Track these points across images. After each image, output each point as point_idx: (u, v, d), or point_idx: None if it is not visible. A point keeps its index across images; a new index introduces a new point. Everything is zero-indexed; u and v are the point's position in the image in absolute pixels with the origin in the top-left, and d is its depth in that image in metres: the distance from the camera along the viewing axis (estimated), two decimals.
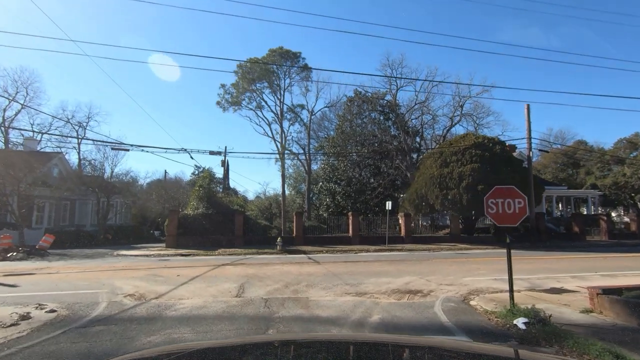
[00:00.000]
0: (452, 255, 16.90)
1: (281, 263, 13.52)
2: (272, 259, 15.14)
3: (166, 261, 14.59)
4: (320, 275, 10.62)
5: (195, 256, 16.61)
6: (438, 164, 23.02)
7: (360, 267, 12.35)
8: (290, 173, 52.22)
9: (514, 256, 15.39)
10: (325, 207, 40.85)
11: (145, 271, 11.25)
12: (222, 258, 15.66)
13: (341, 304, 7.15)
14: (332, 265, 12.84)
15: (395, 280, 9.78)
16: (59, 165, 29.53)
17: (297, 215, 22.14)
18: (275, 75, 36.19)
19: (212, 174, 21.98)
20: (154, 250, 18.51)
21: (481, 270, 11.87)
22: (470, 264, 13.27)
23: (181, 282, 9.34)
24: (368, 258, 15.60)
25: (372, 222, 25.54)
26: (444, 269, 11.92)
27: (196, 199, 21.33)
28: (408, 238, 23.10)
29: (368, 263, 13.70)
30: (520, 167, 22.57)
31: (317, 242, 22.14)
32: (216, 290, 8.25)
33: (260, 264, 13.38)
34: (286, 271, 11.30)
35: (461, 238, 23.60)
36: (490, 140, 23.29)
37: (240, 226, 20.86)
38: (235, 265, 12.95)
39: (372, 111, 45.15)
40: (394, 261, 14.38)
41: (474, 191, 20.65)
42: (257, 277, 10.08)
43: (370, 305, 7.07)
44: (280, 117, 36.68)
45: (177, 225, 20.09)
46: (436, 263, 13.63)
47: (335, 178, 41.99)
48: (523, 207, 6.20)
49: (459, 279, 10.31)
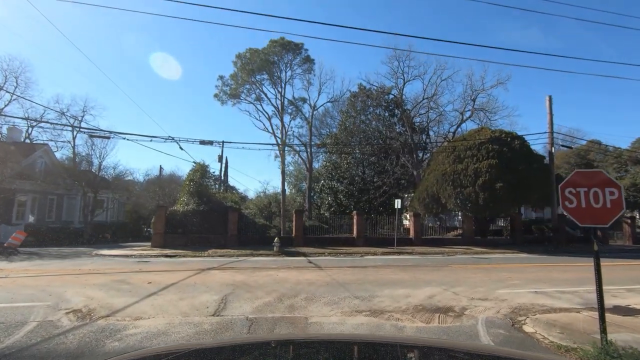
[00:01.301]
0: (470, 260, 15.02)
1: (277, 267, 11.67)
2: (267, 262, 13.29)
3: (145, 263, 12.76)
4: (323, 284, 8.77)
5: (182, 257, 14.78)
6: (451, 160, 21.14)
7: (370, 274, 10.50)
8: (290, 171, 50.39)
9: (539, 263, 13.41)
10: (327, 206, 39.02)
11: (113, 276, 9.41)
12: (210, 260, 13.82)
13: (352, 328, 5.32)
14: (336, 271, 10.98)
15: (415, 293, 7.93)
16: (44, 158, 27.76)
17: (297, 214, 20.30)
18: (276, 66, 34.37)
19: (204, 167, 20.11)
20: (137, 250, 16.69)
21: (513, 280, 10.01)
22: (498, 272, 11.40)
23: (149, 292, 7.50)
24: (376, 262, 13.74)
25: (377, 223, 23.69)
26: (468, 278, 10.06)
27: (187, 195, 19.51)
28: (417, 240, 21.22)
29: (377, 269, 11.84)
30: (541, 163, 20.68)
31: (318, 243, 20.30)
32: (189, 306, 6.41)
33: (253, 268, 11.54)
34: (282, 278, 9.45)
35: (475, 241, 21.72)
36: (508, 134, 21.40)
37: (234, 224, 19.03)
38: (224, 269, 11.11)
39: (376, 107, 43.32)
40: (406, 267, 12.52)
41: (492, 189, 18.78)
42: (245, 286, 8.24)
43: (392, 331, 5.24)
44: (281, 110, 34.83)
45: (164, 222, 18.27)
46: (457, 270, 11.76)
47: (337, 176, 40.17)
48: (617, 199, 4.29)
49: (492, 291, 8.45)
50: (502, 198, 18.61)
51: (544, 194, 19.73)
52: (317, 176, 44.11)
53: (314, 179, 42.40)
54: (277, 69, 35.38)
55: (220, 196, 20.82)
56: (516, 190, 18.67)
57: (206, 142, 16.39)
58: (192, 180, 19.42)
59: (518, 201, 19.13)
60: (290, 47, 36.22)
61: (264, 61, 34.47)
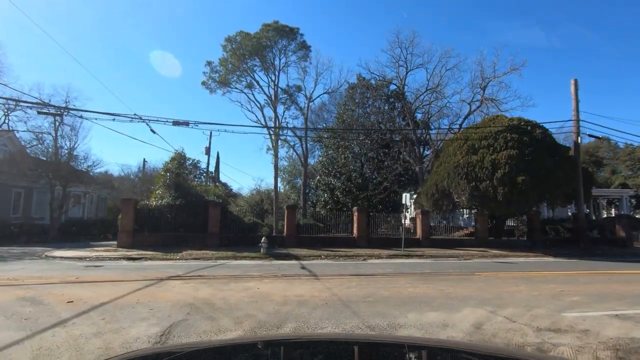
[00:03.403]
0: (494, 266, 12.59)
1: (260, 276, 9.11)
2: (250, 268, 10.73)
3: (94, 269, 10.13)
4: (320, 303, 6.25)
5: (147, 260, 12.18)
6: (464, 151, 18.71)
7: (382, 287, 7.99)
8: (284, 166, 47.79)
9: (579, 270, 10.89)
10: (323, 203, 36.47)
11: (27, 290, 6.78)
12: (180, 265, 11.23)
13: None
14: (337, 282, 8.46)
15: (453, 319, 5.45)
16: (9, 146, 24.88)
17: (289, 210, 17.74)
18: (269, 51, 31.71)
19: (183, 156, 17.49)
20: (98, 251, 14.03)
21: (571, 295, 7.56)
22: (542, 283, 8.95)
23: (57, 320, 4.93)
24: (384, 269, 11.24)
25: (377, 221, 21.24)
26: (512, 293, 7.60)
27: (162, 187, 16.88)
28: (425, 241, 18.78)
29: (389, 278, 9.34)
30: (566, 155, 18.32)
31: (314, 243, 17.77)
32: (101, 350, 3.85)
33: (228, 277, 8.97)
34: (264, 294, 6.91)
35: (490, 242, 19.31)
36: (528, 122, 19.01)
37: (216, 221, 16.43)
38: (188, 279, 8.52)
39: (376, 99, 40.82)
40: (424, 275, 10.03)
41: (512, 183, 16.37)
42: (208, 309, 5.69)
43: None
44: (274, 99, 32.22)
45: (133, 218, 15.62)
46: (490, 280, 9.30)
47: (334, 172, 37.61)
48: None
49: (557, 314, 6.01)
50: (524, 193, 16.22)
51: (572, 190, 17.41)
52: (312, 172, 41.61)
53: (309, 174, 39.86)
54: (271, 54, 32.79)
55: (201, 189, 18.19)
56: (541, 185, 16.30)
57: (181, 123, 13.77)
58: (169, 170, 16.79)
59: (543, 197, 16.75)
60: (285, 31, 33.58)
61: (256, 46, 31.80)
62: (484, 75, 27.70)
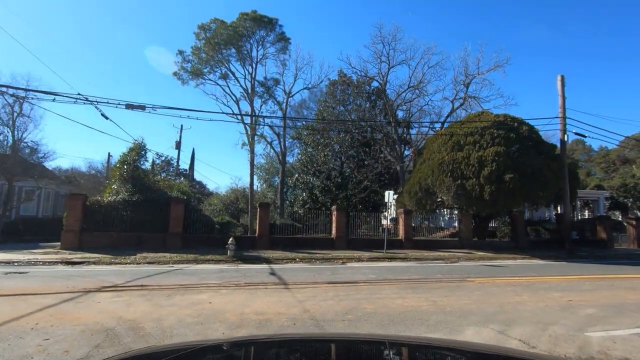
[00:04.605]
0: (485, 270, 11.54)
1: (218, 285, 7.57)
2: (209, 275, 9.16)
3: (17, 276, 8.28)
4: (287, 324, 4.82)
5: (90, 265, 10.37)
6: (449, 147, 17.75)
7: (364, 298, 6.66)
8: (262, 164, 45.99)
9: (574, 274, 9.95)
10: (301, 202, 34.98)
11: None
12: (126, 271, 9.50)
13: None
14: (310, 293, 7.06)
15: None
16: None
17: (262, 209, 16.18)
18: (246, 40, 29.94)
19: (142, 147, 15.60)
20: (36, 254, 12.01)
21: (581, 306, 6.48)
22: (545, 291, 7.86)
23: None
24: (366, 274, 9.93)
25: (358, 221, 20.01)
26: (517, 305, 6.43)
27: (118, 181, 14.95)
28: (408, 242, 17.68)
29: (372, 286, 8.02)
30: (552, 153, 17.68)
31: (289, 245, 16.30)
32: None
33: (177, 287, 7.38)
34: (215, 311, 5.41)
35: (474, 243, 18.45)
36: (515, 119, 18.28)
37: (178, 220, 14.68)
38: (124, 290, 6.88)
39: (357, 97, 39.77)
40: (412, 282, 8.78)
41: (500, 181, 15.51)
42: (128, 338, 4.14)
43: None
44: (250, 92, 30.51)
45: (81, 216, 13.65)
46: (487, 288, 8.13)
47: (313, 170, 36.19)
48: None
49: (576, 332, 4.87)
50: (512, 192, 15.38)
51: (559, 189, 16.76)
52: (291, 170, 40.11)
53: (287, 173, 38.33)
54: (248, 45, 31.06)
55: (164, 185, 16.34)
56: (529, 184, 15.51)
57: (136, 107, 11.87)
58: (126, 162, 14.87)
59: (531, 196, 15.97)
60: (264, 22, 31.90)
61: (232, 36, 29.97)
62: (467, 72, 27.10)
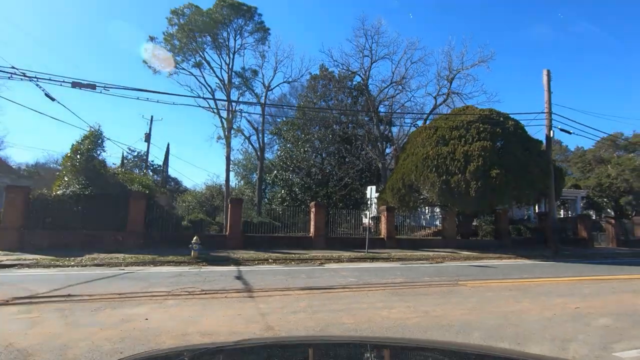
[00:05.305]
0: (475, 271, 10.68)
1: (166, 294, 6.27)
2: (162, 280, 7.82)
3: None
4: None
5: (24, 268, 8.81)
6: (434, 141, 16.95)
7: (343, 309, 5.54)
8: (239, 160, 44.30)
9: (567, 276, 9.28)
10: (280, 200, 33.70)
11: None
12: (63, 276, 8.02)
13: None
14: (279, 303, 5.88)
15: None
16: None
17: (234, 205, 14.83)
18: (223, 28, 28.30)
19: (98, 135, 13.94)
20: None
21: (591, 314, 5.60)
22: (546, 297, 6.99)
23: None
24: (346, 277, 8.84)
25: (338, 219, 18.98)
26: (518, 314, 5.49)
27: (69, 173, 13.27)
28: (390, 241, 16.77)
29: (353, 293, 6.92)
30: (538, 150, 17.17)
31: (264, 244, 15.05)
32: None
33: (113, 297, 6.03)
34: (149, 332, 4.14)
35: (458, 242, 17.77)
36: (500, 114, 17.68)
37: (139, 217, 13.15)
38: (40, 303, 5.46)
39: (339, 92, 38.77)
40: (397, 286, 7.74)
41: (486, 177, 14.81)
42: None
43: None
44: (227, 84, 28.91)
45: (22, 211, 11.93)
46: (482, 294, 7.19)
47: (293, 166, 34.97)
48: None
49: (602, 352, 3.93)
50: (499, 189, 14.70)
51: (545, 187, 16.25)
52: (270, 167, 38.70)
53: (266, 169, 36.92)
54: (225, 33, 29.45)
55: (124, 178, 14.71)
56: (516, 180, 14.88)
57: (84, 85, 10.25)
58: (79, 151, 13.20)
59: (518, 193, 15.35)
60: (242, 10, 30.32)
61: (208, 23, 28.28)
62: (451, 67, 26.48)
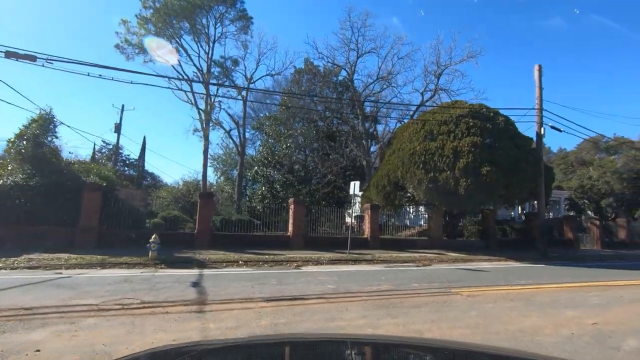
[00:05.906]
0: (466, 276, 9.73)
1: (88, 309, 4.96)
2: (96, 287, 6.50)
3: None
4: None
5: None
6: (421, 137, 16.05)
7: (315, 328, 4.41)
8: (219, 155, 42.62)
9: (566, 281, 8.53)
10: (260, 197, 32.33)
11: None
12: None
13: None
14: (233, 321, 4.70)
15: None
16: None
17: (203, 200, 13.47)
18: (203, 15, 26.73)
19: (49, 119, 12.34)
20: None
21: (614, 332, 4.65)
22: (553, 308, 6.04)
23: None
24: (325, 282, 7.71)
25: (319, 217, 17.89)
26: (530, 333, 4.47)
27: (14, 161, 11.66)
28: (374, 241, 15.76)
29: (330, 305, 5.79)
30: (529, 147, 16.51)
31: (237, 243, 13.77)
32: None
33: (15, 313, 4.73)
34: None
35: (444, 243, 16.94)
36: (491, 110, 16.94)
37: (93, 212, 11.66)
38: None
39: (323, 87, 37.66)
40: (382, 295, 6.66)
41: (476, 175, 13.97)
42: None
43: None
44: (206, 73, 27.36)
45: None
46: (480, 306, 6.18)
47: (274, 162, 33.63)
48: None
49: None
50: (489, 187, 13.89)
51: (536, 186, 15.58)
52: (251, 163, 37.25)
53: (247, 165, 35.46)
54: (205, 20, 27.88)
55: (79, 168, 13.13)
56: (508, 178, 14.11)
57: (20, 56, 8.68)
58: (24, 137, 11.60)
59: (509, 192, 14.58)
60: None
61: (185, 7, 26.61)
62: (439, 62, 25.85)
